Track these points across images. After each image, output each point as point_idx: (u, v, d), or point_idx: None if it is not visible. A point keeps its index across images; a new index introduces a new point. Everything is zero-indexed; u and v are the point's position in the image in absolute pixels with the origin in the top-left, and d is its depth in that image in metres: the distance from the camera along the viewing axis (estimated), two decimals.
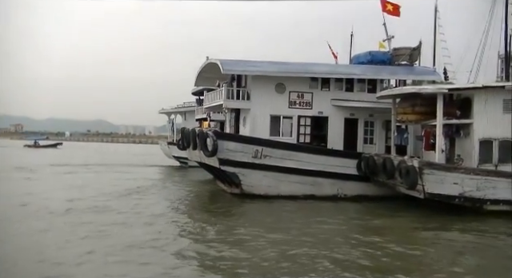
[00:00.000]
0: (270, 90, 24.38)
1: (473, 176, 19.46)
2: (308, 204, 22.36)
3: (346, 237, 15.71)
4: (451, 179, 19.35)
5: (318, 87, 25.11)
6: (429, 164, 19.58)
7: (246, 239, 14.92)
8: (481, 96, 20.48)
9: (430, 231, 17.31)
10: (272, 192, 23.11)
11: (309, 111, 24.84)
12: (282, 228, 16.62)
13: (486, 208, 19.74)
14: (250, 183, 23.01)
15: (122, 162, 49.76)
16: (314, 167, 23.11)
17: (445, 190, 19.38)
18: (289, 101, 24.62)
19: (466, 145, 20.93)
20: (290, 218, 18.97)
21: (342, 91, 25.39)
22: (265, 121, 24.30)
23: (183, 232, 15.79)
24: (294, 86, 24.59)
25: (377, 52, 27.40)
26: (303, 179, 23.13)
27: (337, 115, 25.08)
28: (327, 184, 23.50)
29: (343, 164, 23.40)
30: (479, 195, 19.54)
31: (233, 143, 22.44)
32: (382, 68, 25.77)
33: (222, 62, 23.58)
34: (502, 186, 19.61)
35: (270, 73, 23.90)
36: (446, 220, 18.76)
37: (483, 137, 20.50)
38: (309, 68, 24.64)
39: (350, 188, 23.72)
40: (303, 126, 24.83)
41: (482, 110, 20.49)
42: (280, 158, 22.80)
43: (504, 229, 17.64)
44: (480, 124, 20.46)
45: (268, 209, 21.03)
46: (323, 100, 24.94)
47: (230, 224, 17.30)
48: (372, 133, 25.79)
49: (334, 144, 24.88)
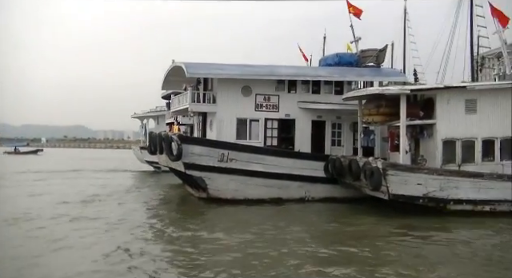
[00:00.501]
0: (236, 93, 24.19)
1: (436, 177, 19.53)
2: (274, 207, 22.23)
3: (308, 240, 15.55)
4: (415, 179, 19.39)
5: (285, 89, 24.99)
6: (392, 165, 19.61)
7: (204, 244, 14.72)
8: (443, 96, 20.60)
9: (392, 231, 17.31)
10: (239, 195, 22.92)
11: (275, 114, 24.71)
12: (244, 232, 16.44)
13: (450, 207, 19.82)
14: (216, 187, 22.80)
15: (95, 168, 49.14)
16: (281, 170, 22.99)
17: (409, 191, 19.41)
18: (255, 104, 24.46)
19: (429, 146, 21.02)
20: (253, 222, 18.67)
21: (308, 93, 25.30)
22: (231, 125, 24.10)
23: (140, 239, 15.40)
24: (261, 89, 24.44)
25: (344, 54, 27.44)
26: (270, 182, 22.98)
27: (304, 117, 24.99)
28: (294, 186, 23.41)
29: (310, 166, 23.32)
30: (442, 195, 19.62)
31: (198, 147, 22.20)
32: (348, 69, 25.77)
33: (187, 65, 23.33)
34: (465, 186, 19.73)
35: (235, 76, 23.72)
36: (409, 220, 18.78)
37: (446, 138, 20.61)
38: (275, 70, 24.51)
39: (318, 190, 23.65)
40: (270, 129, 24.67)
41: (444, 111, 20.60)
42: (246, 162, 22.62)
43: (465, 230, 17.71)
44: (443, 124, 20.57)
45: (233, 213, 20.78)
46: (290, 102, 24.83)
47: (190, 229, 17.04)
48: (340, 135, 25.76)
49: (302, 146, 24.79)
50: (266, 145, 24.43)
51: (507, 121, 21.10)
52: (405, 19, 39.97)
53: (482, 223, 18.54)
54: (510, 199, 20.07)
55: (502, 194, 19.99)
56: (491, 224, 18.43)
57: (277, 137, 24.77)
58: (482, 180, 19.84)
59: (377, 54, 26.61)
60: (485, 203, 20.00)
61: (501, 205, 20.09)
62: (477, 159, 20.88)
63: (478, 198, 19.88)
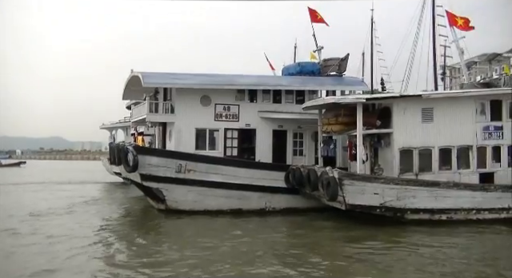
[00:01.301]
0: (194, 103, 23.88)
1: (392, 186, 19.40)
2: (234, 218, 21.86)
3: (266, 251, 15.34)
4: (371, 189, 19.23)
5: (245, 99, 24.78)
6: (348, 175, 19.44)
7: (149, 257, 14.31)
8: (399, 105, 20.54)
9: (350, 243, 17.11)
10: (198, 207, 22.54)
11: (236, 123, 24.45)
12: (194, 245, 16.13)
13: (407, 217, 19.70)
14: (174, 198, 22.38)
15: (64, 180, 48.19)
16: (241, 180, 22.66)
17: (365, 201, 19.24)
18: (215, 114, 24.17)
19: (387, 155, 20.92)
20: (209, 234, 18.37)
21: (269, 103, 25.13)
22: (190, 135, 23.76)
23: (90, 253, 14.92)
24: (220, 99, 24.18)
25: (306, 63, 27.36)
26: (229, 193, 22.64)
27: (265, 127, 24.78)
28: (255, 197, 23.09)
29: (270, 176, 23.04)
30: (400, 204, 19.49)
31: (155, 158, 21.79)
32: (309, 79, 25.66)
33: (143, 75, 22.97)
34: (422, 195, 19.63)
35: (193, 86, 23.41)
36: (365, 231, 18.59)
37: (403, 147, 20.53)
38: (234, 80, 24.29)
39: (279, 201, 23.37)
40: (230, 139, 24.39)
41: (401, 120, 20.53)
42: (205, 172, 22.27)
43: (419, 238, 17.59)
44: (399, 133, 20.49)
45: (188, 226, 20.41)
46: (250, 112, 24.61)
47: (137, 243, 16.64)
48: (301, 145, 25.61)
49: (263, 156, 24.54)
50: (226, 156, 24.12)
51: (464, 130, 21.11)
52: (372, 29, 40.27)
53: (437, 231, 18.51)
54: (466, 207, 20.04)
55: (459, 203, 19.95)
56: (447, 232, 18.44)
57: (237, 147, 24.48)
58: (439, 189, 19.78)
59: (339, 63, 26.56)
60: (442, 212, 19.93)
61: (457, 214, 20.04)
62: (434, 168, 20.81)
63: (435, 207, 19.81)
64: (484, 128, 21.40)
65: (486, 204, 20.21)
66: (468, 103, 21.27)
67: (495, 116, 21.58)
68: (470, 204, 20.08)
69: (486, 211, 20.28)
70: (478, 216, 20.23)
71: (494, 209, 20.34)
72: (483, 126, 21.40)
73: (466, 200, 20.03)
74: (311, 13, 27.60)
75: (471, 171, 21.21)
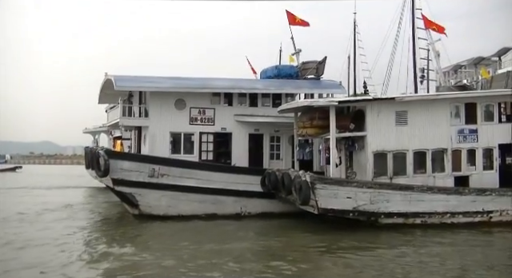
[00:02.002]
0: (169, 107, 23.63)
1: (365, 190, 19.19)
2: (208, 223, 21.61)
3: (239, 257, 15.13)
4: (344, 193, 19.00)
5: (221, 102, 24.57)
6: (320, 178, 19.21)
7: (122, 263, 14.08)
8: (373, 108, 20.37)
9: (321, 247, 16.88)
10: (172, 211, 22.24)
11: (211, 127, 24.21)
12: (161, 249, 15.92)
13: (381, 221, 19.51)
14: (147, 203, 22.08)
15: (49, 184, 47.63)
16: (215, 185, 22.37)
17: (338, 205, 19.01)
18: (190, 118, 23.92)
19: (361, 158, 20.73)
20: (181, 238, 18.18)
21: (246, 106, 24.93)
22: (164, 139, 23.50)
23: (49, 260, 14.57)
24: (195, 102, 23.93)
25: (283, 66, 27.20)
26: (204, 197, 22.36)
27: (241, 131, 24.55)
28: (230, 202, 22.80)
29: (245, 181, 22.77)
30: (373, 208, 19.28)
31: (127, 162, 21.48)
32: (286, 82, 25.48)
33: (116, 78, 22.70)
34: (395, 199, 19.44)
35: (167, 89, 23.16)
36: (338, 235, 18.39)
37: (377, 150, 20.33)
38: (209, 83, 24.07)
39: (254, 205, 23.10)
40: (205, 143, 24.14)
41: (374, 122, 20.35)
42: (179, 177, 21.99)
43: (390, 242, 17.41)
44: (373, 136, 20.30)
45: (164, 230, 20.18)
46: (226, 115, 24.39)
47: (101, 249, 16.26)
48: (278, 149, 25.39)
49: (239, 160, 24.28)
50: (201, 160, 23.87)
51: (438, 133, 20.96)
52: (354, 31, 40.17)
53: (411, 235, 18.42)
54: (440, 211, 19.87)
55: (433, 206, 19.78)
56: (421, 236, 18.38)
57: (212, 151, 24.23)
58: (413, 193, 19.59)
59: (316, 66, 26.41)
60: (416, 215, 19.74)
61: (432, 218, 19.86)
62: (408, 171, 20.63)
63: (409, 211, 19.62)
64: (459, 131, 21.25)
65: (460, 207, 20.04)
66: (443, 106, 21.13)
67: (470, 119, 21.43)
68: (444, 207, 19.90)
69: (460, 214, 20.10)
70: (452, 220, 20.07)
71: (469, 213, 20.17)
72: (458, 129, 21.24)
73: (440, 203, 19.84)
74: (289, 16, 27.43)
75: (446, 174, 21.03)
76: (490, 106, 21.73)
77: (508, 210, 20.47)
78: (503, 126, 21.80)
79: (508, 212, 20.48)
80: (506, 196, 20.51)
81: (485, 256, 15.99)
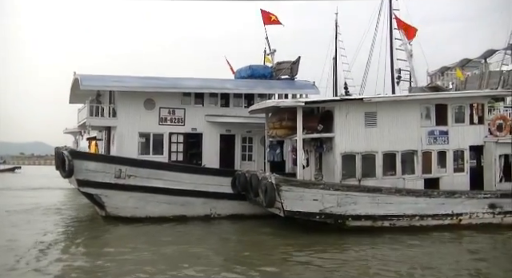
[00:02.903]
0: (138, 107, 23.25)
1: (332, 192, 18.86)
2: (176, 225, 21.28)
3: (202, 260, 14.96)
4: (310, 195, 18.67)
5: (191, 103, 24.21)
6: (286, 180, 18.86)
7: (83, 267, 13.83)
8: (342, 109, 20.06)
9: (290, 250, 16.74)
10: (139, 213, 21.87)
11: (181, 128, 23.85)
12: (132, 253, 15.69)
13: (349, 224, 19.18)
14: (114, 205, 21.69)
15: (30, 185, 46.98)
16: (184, 186, 22.01)
17: (304, 207, 18.68)
18: (159, 118, 23.55)
19: (329, 160, 20.42)
20: (144, 241, 17.87)
21: (217, 106, 24.59)
22: (133, 139, 23.10)
23: None
24: (165, 102, 23.56)
25: (257, 66, 26.82)
26: (172, 199, 21.99)
27: (212, 131, 24.20)
28: (199, 203, 22.46)
29: (215, 182, 22.42)
30: (340, 211, 18.95)
31: (93, 163, 21.08)
32: (258, 82, 25.17)
33: (81, 77, 22.31)
34: (363, 201, 19.12)
35: (135, 89, 22.77)
36: (308, 238, 18.15)
37: (345, 152, 20.01)
38: (179, 83, 23.73)
39: (224, 207, 22.77)
40: (175, 144, 23.76)
41: (343, 124, 20.02)
42: (146, 178, 21.60)
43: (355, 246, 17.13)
44: (341, 138, 19.98)
45: (129, 232, 19.88)
46: (197, 116, 24.04)
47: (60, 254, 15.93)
48: (251, 150, 25.07)
49: (210, 161, 23.93)
50: (171, 161, 23.48)
51: (408, 134, 20.69)
52: (336, 32, 39.91)
53: (378, 238, 18.19)
54: (409, 214, 19.58)
55: (402, 209, 19.49)
56: (389, 239, 18.16)
57: (182, 151, 23.86)
58: (381, 195, 19.28)
59: (290, 66, 26.11)
60: (384, 218, 19.44)
61: (400, 220, 19.57)
62: (378, 173, 20.31)
63: (377, 213, 19.31)
64: (429, 132, 20.97)
65: (429, 210, 19.76)
66: (413, 107, 20.86)
67: (441, 120, 21.17)
68: (413, 210, 19.61)
69: (429, 217, 19.83)
70: (421, 223, 19.78)
71: (438, 215, 19.90)
72: (428, 131, 20.97)
73: (409, 206, 19.55)
74: (264, 16, 27.09)
75: (416, 176, 20.76)
76: (461, 108, 21.48)
77: (478, 213, 20.22)
78: (474, 128, 21.53)
79: (478, 214, 20.23)
80: (476, 198, 20.28)
81: (452, 258, 15.84)
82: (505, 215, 20.46)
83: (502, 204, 20.40)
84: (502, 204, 20.40)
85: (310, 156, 21.56)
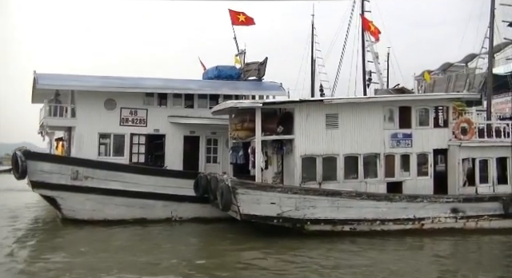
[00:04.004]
0: (98, 107, 22.66)
1: (291, 195, 18.42)
2: (134, 228, 20.76)
3: (154, 266, 14.55)
4: (268, 199, 18.23)
5: (154, 103, 23.68)
6: (242, 183, 18.39)
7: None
8: (302, 111, 19.63)
9: (248, 254, 16.57)
10: (97, 216, 21.32)
11: (143, 129, 23.32)
12: (82, 258, 15.33)
13: (308, 228, 18.76)
14: (70, 207, 21.14)
15: (14, 187, 46.03)
16: (144, 188, 21.53)
17: (262, 211, 18.22)
18: (120, 118, 23.00)
19: (289, 162, 19.98)
20: (95, 245, 17.43)
21: (181, 107, 24.08)
22: (92, 140, 22.51)
23: None
24: (127, 102, 23.01)
25: (224, 67, 26.29)
26: (131, 201, 21.50)
27: (175, 133, 23.68)
28: (159, 206, 22.00)
29: (176, 184, 21.92)
30: (298, 215, 18.52)
31: (47, 164, 20.53)
32: (224, 83, 24.71)
33: (38, 76, 21.74)
34: (322, 205, 18.69)
35: (94, 88, 22.22)
36: (268, 241, 17.77)
37: (305, 154, 19.58)
38: (140, 82, 23.20)
39: (186, 210, 22.31)
40: (137, 145, 23.22)
41: (303, 125, 19.60)
42: (104, 179, 21.09)
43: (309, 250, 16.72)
44: (301, 140, 19.55)
45: (84, 236, 19.41)
46: (160, 117, 23.51)
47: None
48: (216, 152, 24.55)
49: (173, 163, 23.42)
50: (131, 162, 22.94)
51: (371, 137, 20.30)
52: (312, 35, 39.56)
53: (338, 242, 17.91)
54: (369, 218, 19.18)
55: (362, 213, 19.08)
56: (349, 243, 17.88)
57: (144, 153, 23.33)
58: (341, 199, 18.87)
59: (258, 68, 25.69)
60: (344, 222, 19.02)
61: (361, 225, 19.17)
62: (339, 176, 19.89)
63: (337, 217, 18.89)
64: (392, 135, 20.56)
65: (390, 214, 19.36)
66: (375, 109, 20.44)
67: (404, 123, 20.77)
68: (373, 214, 19.21)
69: (390, 222, 19.43)
70: (382, 227, 19.38)
71: (400, 220, 19.51)
72: (391, 133, 20.55)
73: (370, 210, 19.14)
74: (232, 16, 26.63)
75: (378, 180, 20.34)
76: (425, 110, 21.11)
77: (440, 217, 19.86)
78: (439, 131, 21.17)
79: (440, 219, 19.87)
80: (438, 202, 19.92)
81: (413, 264, 15.56)
82: (467, 219, 20.14)
83: (464, 209, 20.07)
84: (464, 209, 20.07)
85: (272, 159, 21.15)
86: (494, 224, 20.39)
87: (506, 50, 50.35)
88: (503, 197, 20.41)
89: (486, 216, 20.34)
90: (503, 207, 20.29)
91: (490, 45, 24.11)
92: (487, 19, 24.32)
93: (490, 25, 24.04)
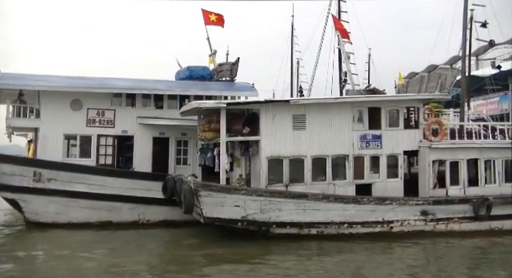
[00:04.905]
0: (63, 107, 22.17)
1: (255, 198, 18.04)
2: (98, 232, 20.39)
3: (107, 274, 14.27)
4: (232, 201, 17.83)
5: (122, 104, 23.21)
6: (205, 185, 17.99)
7: None
8: (268, 111, 19.21)
9: (212, 259, 16.35)
10: (61, 219, 20.89)
11: (111, 130, 22.84)
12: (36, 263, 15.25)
13: (273, 231, 18.38)
14: (33, 210, 20.71)
15: None
16: (110, 190, 21.10)
17: (225, 214, 17.82)
18: (87, 119, 22.51)
19: (256, 164, 19.57)
20: (50, 250, 17.11)
21: (150, 108, 23.64)
22: (57, 142, 22.01)
23: None
24: (93, 103, 22.54)
25: (196, 67, 25.87)
26: (96, 204, 21.07)
27: (144, 134, 23.21)
28: (126, 209, 21.57)
29: (143, 186, 21.47)
30: (264, 218, 18.14)
31: (8, 165, 20.06)
32: (193, 83, 24.29)
33: (1, 76, 21.21)
34: (288, 208, 18.31)
35: (58, 89, 21.71)
36: (234, 245, 17.55)
37: (271, 156, 19.16)
38: (107, 83, 22.74)
39: (154, 212, 21.88)
40: (104, 146, 22.73)
41: (269, 126, 19.17)
42: (68, 182, 20.65)
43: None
44: (267, 141, 19.13)
45: (46, 240, 18.95)
46: (128, 118, 23.04)
47: None
48: (186, 153, 24.10)
49: (142, 165, 22.95)
50: (99, 164, 22.47)
51: (339, 138, 19.91)
52: (292, 35, 39.25)
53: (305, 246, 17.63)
54: (337, 221, 18.81)
55: (329, 216, 18.71)
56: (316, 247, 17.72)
57: (112, 154, 22.86)
58: (307, 202, 18.49)
59: (230, 68, 25.30)
60: (311, 226, 18.65)
61: (328, 228, 18.79)
62: (306, 178, 19.46)
63: (303, 220, 18.51)
64: (361, 136, 20.17)
65: (358, 217, 19.01)
66: (344, 110, 20.05)
67: (374, 124, 20.39)
68: (341, 217, 18.85)
69: (358, 225, 19.08)
70: (350, 231, 19.02)
71: (368, 223, 19.16)
72: (360, 135, 20.16)
73: (337, 213, 18.78)
74: (204, 15, 26.26)
75: (347, 182, 19.94)
76: (395, 111, 20.76)
77: (409, 220, 19.53)
78: (409, 132, 20.81)
79: (409, 222, 19.54)
80: (408, 205, 19.59)
81: (382, 267, 15.36)
82: (437, 222, 19.84)
83: (434, 211, 19.77)
84: (434, 211, 19.77)
85: (241, 161, 20.75)
86: (465, 226, 20.12)
87: (490, 52, 50.45)
88: (473, 200, 20.10)
89: (456, 219, 20.05)
90: (473, 209, 20.01)
91: (463, 46, 23.84)
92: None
93: (463, 28, 23.77)
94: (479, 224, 20.10)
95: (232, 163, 19.80)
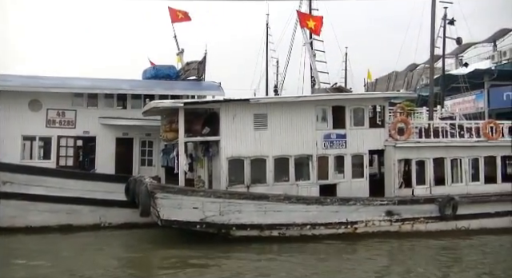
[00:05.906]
0: (21, 107, 21.52)
1: (214, 200, 17.59)
2: (57, 236, 19.81)
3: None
4: (190, 203, 17.36)
5: (84, 104, 22.62)
6: (162, 187, 17.55)
7: None
8: (228, 110, 18.76)
9: (173, 263, 15.93)
10: (18, 223, 20.21)
11: (72, 131, 22.25)
12: None
13: (234, 233, 17.95)
14: None
15: None
16: (70, 193, 20.50)
17: (183, 216, 17.35)
18: (46, 120, 21.90)
19: (216, 165, 19.10)
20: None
21: (113, 108, 23.08)
22: (15, 143, 21.37)
23: None
24: (53, 103, 21.93)
25: (161, 66, 25.37)
26: (56, 207, 20.45)
27: (106, 135, 22.63)
28: (87, 211, 20.98)
29: (106, 189, 20.92)
30: (223, 220, 17.69)
31: None
32: (157, 83, 23.77)
33: None
34: (248, 209, 17.87)
35: (17, 88, 21.05)
36: (195, 248, 17.14)
37: (232, 156, 18.71)
38: (67, 82, 22.13)
39: (116, 215, 21.28)
40: (65, 148, 22.15)
41: (229, 126, 18.72)
42: (24, 184, 20.01)
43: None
44: (228, 141, 18.67)
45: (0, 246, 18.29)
46: (90, 118, 22.45)
47: None
48: (151, 154, 23.56)
49: (105, 166, 22.34)
50: (59, 166, 21.88)
51: (302, 138, 19.50)
52: (267, 34, 38.86)
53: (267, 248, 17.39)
54: (299, 222, 18.39)
55: (291, 217, 18.29)
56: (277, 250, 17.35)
57: (73, 156, 22.28)
58: (268, 203, 18.06)
59: (197, 67, 24.80)
60: (272, 227, 18.22)
61: (290, 230, 18.37)
62: (268, 179, 19.03)
63: (265, 222, 18.08)
64: (325, 136, 19.76)
65: (321, 218, 18.61)
66: (307, 109, 19.63)
67: (338, 123, 19.99)
68: (303, 218, 18.43)
69: (321, 226, 18.67)
70: (313, 232, 18.63)
71: (331, 224, 18.76)
72: (324, 134, 19.73)
73: (299, 214, 18.36)
74: (172, 13, 25.75)
75: (311, 183, 19.52)
76: (360, 110, 20.36)
77: (374, 220, 19.15)
78: (374, 131, 20.44)
79: (374, 222, 19.16)
80: (372, 205, 19.23)
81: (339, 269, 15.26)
82: (402, 222, 19.49)
83: (399, 212, 19.42)
84: (399, 212, 19.42)
85: (204, 162, 20.28)
86: (431, 226, 19.79)
87: (470, 51, 50.43)
88: (439, 199, 19.76)
89: (422, 219, 19.70)
90: (439, 209, 19.68)
91: (431, 44, 23.51)
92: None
93: (432, 26, 23.45)
94: (445, 224, 19.77)
95: (192, 164, 19.29)
